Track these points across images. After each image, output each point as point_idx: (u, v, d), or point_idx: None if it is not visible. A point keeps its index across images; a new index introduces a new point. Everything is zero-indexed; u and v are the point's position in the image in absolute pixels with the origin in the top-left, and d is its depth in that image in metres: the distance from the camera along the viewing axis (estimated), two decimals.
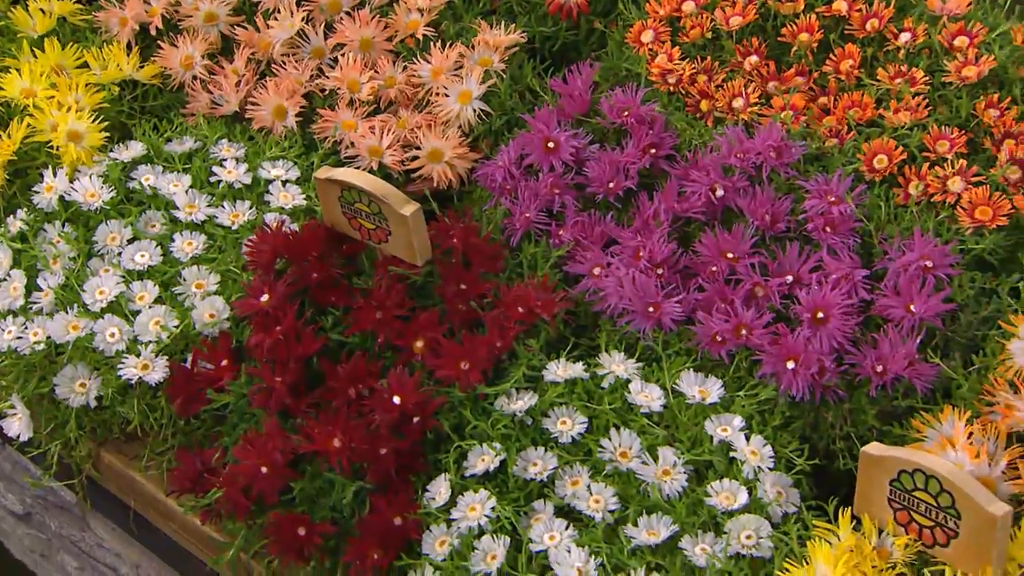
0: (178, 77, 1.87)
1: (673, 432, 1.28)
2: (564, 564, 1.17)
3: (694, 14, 1.71)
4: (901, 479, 1.11)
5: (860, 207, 1.43)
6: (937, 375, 1.29)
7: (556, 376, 1.33)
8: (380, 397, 1.33)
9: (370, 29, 1.79)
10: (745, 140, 1.51)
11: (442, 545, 1.24)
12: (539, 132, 1.60)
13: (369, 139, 1.68)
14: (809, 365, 1.30)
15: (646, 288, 1.41)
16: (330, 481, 1.31)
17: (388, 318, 1.41)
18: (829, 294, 1.34)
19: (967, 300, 1.34)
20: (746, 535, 1.18)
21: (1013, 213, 1.41)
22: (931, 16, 1.63)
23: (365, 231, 1.47)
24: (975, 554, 1.07)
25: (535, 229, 1.54)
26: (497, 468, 1.28)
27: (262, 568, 1.41)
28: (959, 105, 1.52)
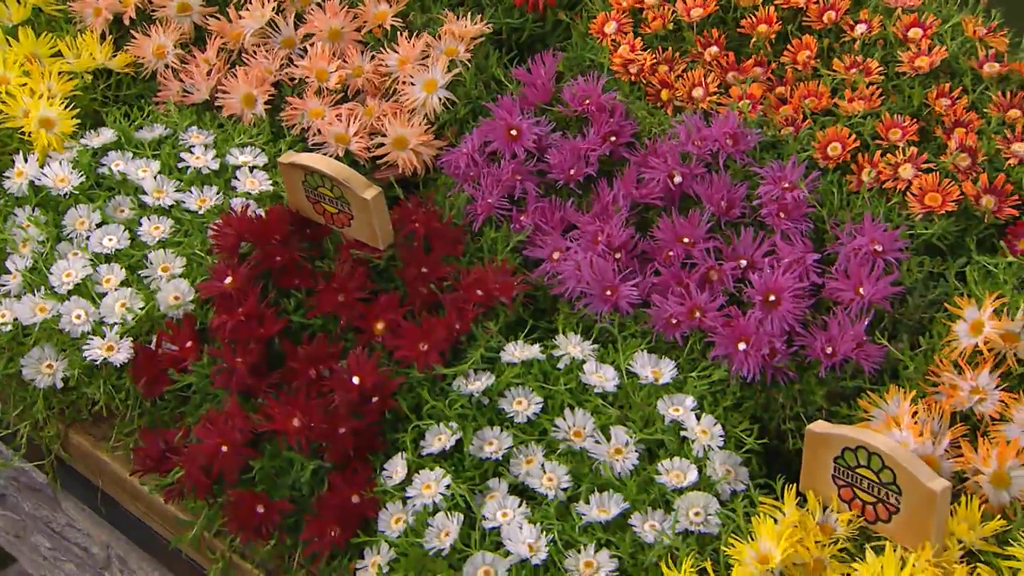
0: (150, 66, 1.84)
1: (627, 412, 1.27)
2: (516, 540, 1.16)
3: (656, 6, 1.70)
4: (845, 456, 1.10)
5: (813, 193, 1.42)
6: (884, 356, 1.28)
7: (513, 357, 1.32)
8: (340, 378, 1.32)
9: (339, 20, 1.77)
10: (703, 128, 1.50)
11: (397, 522, 1.22)
12: (502, 120, 1.58)
13: (336, 126, 1.66)
14: (760, 347, 1.29)
15: (603, 272, 1.40)
16: (289, 460, 1.30)
17: (350, 300, 1.39)
18: (781, 278, 1.33)
19: (915, 284, 1.33)
20: (695, 512, 1.17)
21: (962, 199, 1.41)
22: (886, 8, 1.62)
23: (328, 215, 1.46)
24: (915, 529, 1.06)
25: (496, 214, 1.52)
26: (453, 447, 1.26)
27: (224, 546, 1.39)
28: (912, 94, 1.51)
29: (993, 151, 1.44)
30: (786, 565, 1.08)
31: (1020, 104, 1.48)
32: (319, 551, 1.27)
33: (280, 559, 1.36)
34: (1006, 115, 1.47)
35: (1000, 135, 1.45)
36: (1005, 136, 1.45)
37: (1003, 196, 1.41)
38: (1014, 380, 1.21)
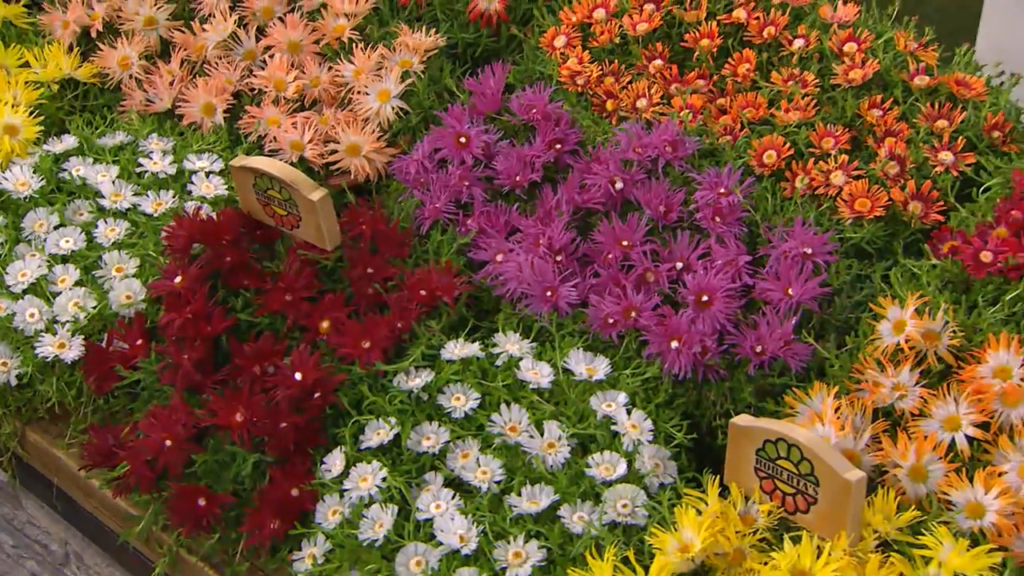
0: (116, 77, 1.83)
1: (561, 408, 1.25)
2: (447, 531, 1.14)
3: (604, 21, 1.70)
4: (766, 448, 1.09)
5: (748, 198, 1.41)
6: (811, 355, 1.27)
7: (453, 355, 1.31)
8: (283, 374, 1.30)
9: (298, 32, 1.76)
10: (643, 136, 1.49)
11: (334, 514, 1.21)
12: (452, 128, 1.58)
13: (291, 134, 1.65)
14: (692, 345, 1.28)
15: (544, 273, 1.39)
16: (232, 454, 1.28)
17: (296, 300, 1.38)
18: (714, 279, 1.32)
19: (843, 285, 1.32)
20: (622, 504, 1.15)
21: (890, 205, 1.40)
22: (823, 24, 1.62)
23: (278, 217, 1.45)
24: (833, 519, 1.05)
25: (444, 219, 1.51)
26: (392, 442, 1.25)
27: (171, 541, 1.37)
28: (845, 105, 1.51)
29: (921, 159, 1.44)
30: (707, 554, 1.07)
31: (948, 115, 1.48)
32: (259, 543, 1.25)
33: (225, 552, 1.34)
34: (934, 125, 1.47)
35: (928, 144, 1.45)
36: (933, 145, 1.45)
37: (929, 202, 1.40)
38: (934, 377, 1.20)
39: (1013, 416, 1.13)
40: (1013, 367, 1.14)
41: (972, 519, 1.08)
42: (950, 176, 1.42)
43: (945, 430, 1.14)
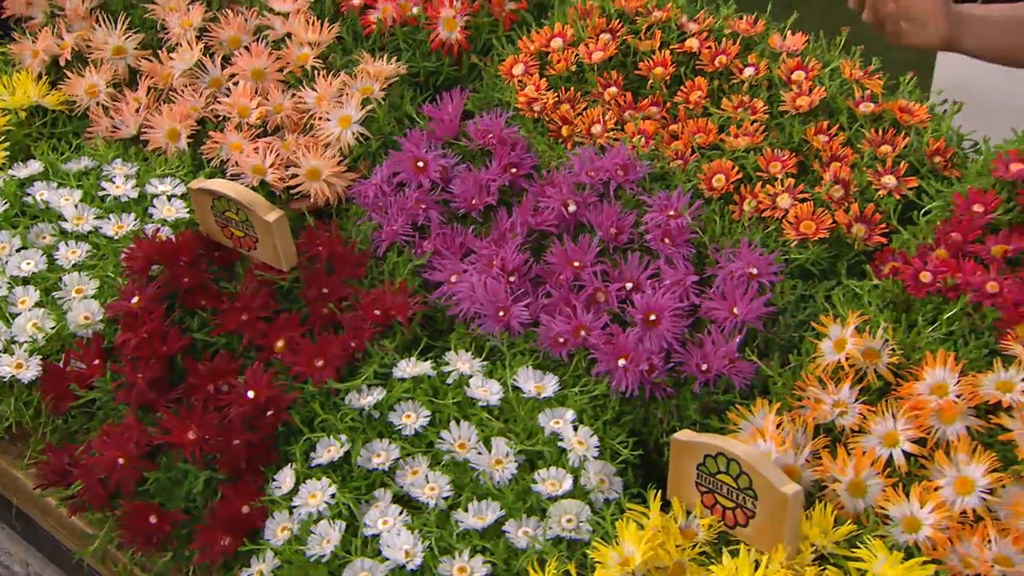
0: (83, 104, 1.83)
1: (510, 425, 1.25)
2: (393, 547, 1.13)
3: (560, 49, 1.71)
4: (707, 463, 1.08)
5: (697, 221, 1.42)
6: (755, 372, 1.27)
7: (404, 373, 1.30)
8: (236, 392, 1.29)
9: (262, 61, 1.77)
10: (596, 160, 1.50)
11: (283, 531, 1.19)
12: (410, 152, 1.58)
13: (253, 159, 1.65)
14: (639, 363, 1.28)
15: (497, 293, 1.38)
16: (184, 472, 1.26)
17: (252, 319, 1.37)
18: (661, 298, 1.32)
19: (787, 305, 1.32)
20: (567, 519, 1.14)
21: (834, 227, 1.41)
22: (772, 52, 1.64)
23: (236, 239, 1.44)
24: (770, 533, 1.04)
25: (401, 241, 1.51)
26: (343, 459, 1.24)
27: (126, 559, 1.35)
28: (792, 131, 1.52)
29: (865, 183, 1.44)
30: (648, 568, 1.06)
31: (891, 141, 1.49)
32: (210, 561, 1.24)
33: (179, 571, 1.32)
34: (878, 151, 1.48)
35: (872, 169, 1.46)
36: (876, 170, 1.46)
37: (872, 225, 1.41)
38: (874, 394, 1.20)
39: (949, 432, 1.13)
40: (949, 384, 1.14)
41: (908, 533, 1.07)
42: (893, 199, 1.43)
43: (883, 446, 1.14)
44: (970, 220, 1.33)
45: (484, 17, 1.84)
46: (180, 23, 1.86)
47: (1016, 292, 1.22)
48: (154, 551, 1.25)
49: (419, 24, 1.82)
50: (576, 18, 1.74)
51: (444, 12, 1.80)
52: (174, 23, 1.86)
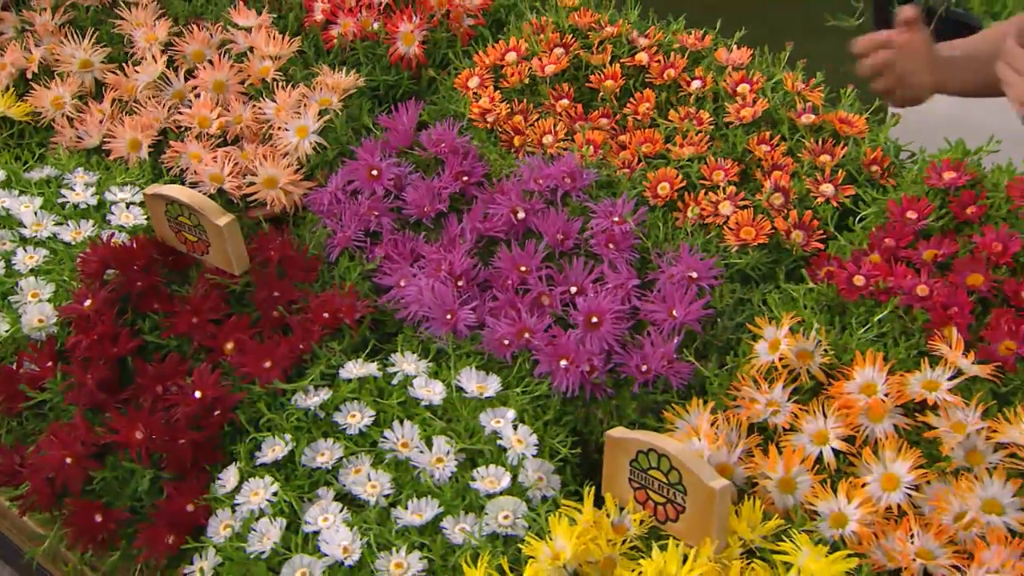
0: (49, 115, 1.81)
1: (452, 424, 1.23)
2: (332, 543, 1.12)
3: (515, 63, 1.71)
4: (639, 459, 1.07)
5: (641, 227, 1.41)
6: (692, 373, 1.26)
7: (350, 374, 1.29)
8: (184, 392, 1.27)
9: (223, 73, 1.76)
10: (544, 168, 1.49)
11: (225, 528, 1.18)
12: (364, 161, 1.57)
13: (211, 167, 1.64)
14: (580, 363, 1.27)
15: (444, 297, 1.37)
16: (131, 471, 1.25)
17: (203, 322, 1.36)
18: (603, 301, 1.31)
19: (725, 307, 1.32)
20: (503, 516, 1.13)
21: (773, 233, 1.41)
22: (719, 66, 1.64)
23: (189, 243, 1.43)
24: (699, 527, 1.03)
25: (353, 247, 1.50)
26: (287, 458, 1.22)
27: (76, 559, 1.32)
28: (736, 141, 1.52)
29: (804, 191, 1.44)
30: (579, 562, 1.05)
31: (830, 150, 1.49)
32: (155, 558, 1.22)
33: (127, 570, 1.29)
34: (817, 160, 1.48)
35: (811, 177, 1.46)
36: (815, 178, 1.46)
37: (810, 231, 1.41)
38: (806, 394, 1.19)
39: (877, 430, 1.12)
40: (878, 383, 1.13)
41: (835, 528, 1.06)
42: (830, 207, 1.43)
43: (814, 444, 1.13)
44: (903, 226, 1.33)
45: (442, 32, 1.84)
46: (146, 37, 1.86)
47: (945, 295, 1.22)
48: (100, 549, 1.23)
49: (379, 39, 1.82)
50: (531, 33, 1.74)
51: (403, 27, 1.80)
52: (140, 37, 1.86)
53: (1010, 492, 1.05)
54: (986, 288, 1.22)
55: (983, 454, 1.08)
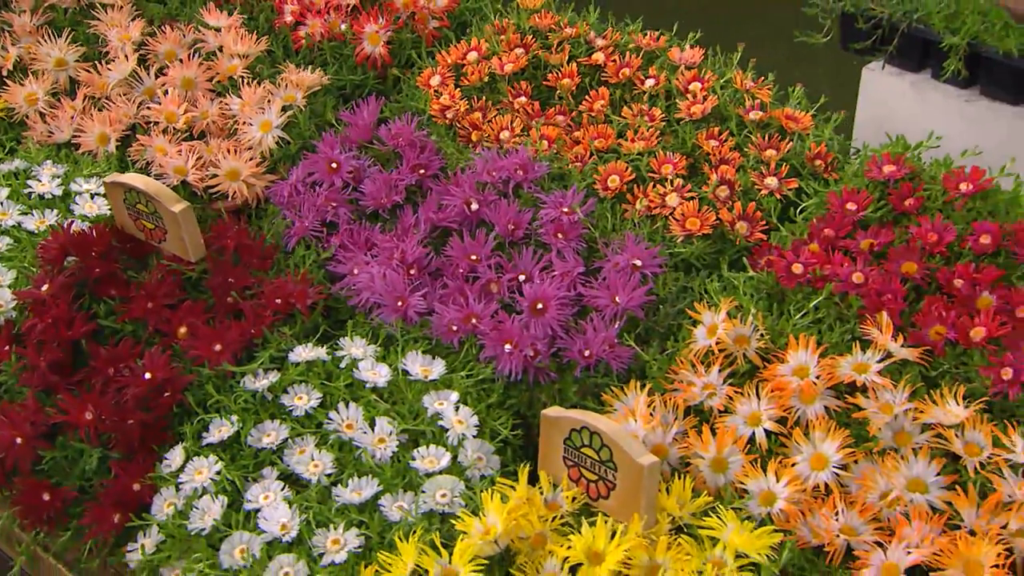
0: (23, 111, 1.80)
1: (397, 407, 1.21)
2: (271, 520, 1.09)
3: (475, 62, 1.70)
4: (572, 437, 1.05)
5: (590, 217, 1.40)
6: (633, 358, 1.24)
7: (299, 358, 1.27)
8: (135, 374, 1.25)
9: (192, 71, 1.74)
10: (498, 160, 1.48)
11: (168, 506, 1.15)
12: (324, 154, 1.56)
13: (175, 160, 1.62)
14: (524, 348, 1.25)
15: (395, 284, 1.36)
16: (80, 450, 1.22)
17: (157, 307, 1.34)
18: (549, 288, 1.29)
19: (668, 295, 1.30)
20: (441, 494, 1.11)
21: (719, 225, 1.39)
22: (672, 65, 1.63)
23: (147, 231, 1.41)
24: (629, 503, 1.01)
25: (310, 236, 1.48)
26: (233, 438, 1.20)
27: (29, 539, 1.30)
28: (685, 136, 1.50)
29: (749, 184, 1.43)
30: (511, 538, 1.02)
31: (776, 145, 1.47)
32: (102, 536, 1.19)
33: (78, 550, 1.27)
34: (763, 154, 1.46)
35: (757, 171, 1.45)
36: (761, 172, 1.44)
37: (754, 222, 1.40)
38: (743, 378, 1.17)
39: (809, 412, 1.10)
40: (810, 366, 1.12)
41: (763, 506, 1.04)
42: (774, 199, 1.41)
43: (747, 425, 1.11)
44: (843, 217, 1.31)
45: (408, 34, 1.83)
46: (119, 37, 1.84)
47: (880, 282, 1.20)
48: (48, 528, 1.20)
49: (346, 39, 1.81)
50: (492, 34, 1.73)
51: (368, 28, 1.79)
52: (114, 37, 1.84)
53: (934, 471, 1.03)
54: (920, 276, 1.21)
55: (910, 435, 1.07)
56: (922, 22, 2.60)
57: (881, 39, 2.61)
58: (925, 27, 2.58)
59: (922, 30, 2.59)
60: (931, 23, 2.60)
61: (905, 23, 2.65)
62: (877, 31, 2.61)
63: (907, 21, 2.65)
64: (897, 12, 2.61)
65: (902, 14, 2.62)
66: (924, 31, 2.58)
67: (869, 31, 2.61)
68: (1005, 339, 1.11)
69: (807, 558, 1.01)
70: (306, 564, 1.06)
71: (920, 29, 2.59)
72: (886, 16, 2.60)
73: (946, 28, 2.58)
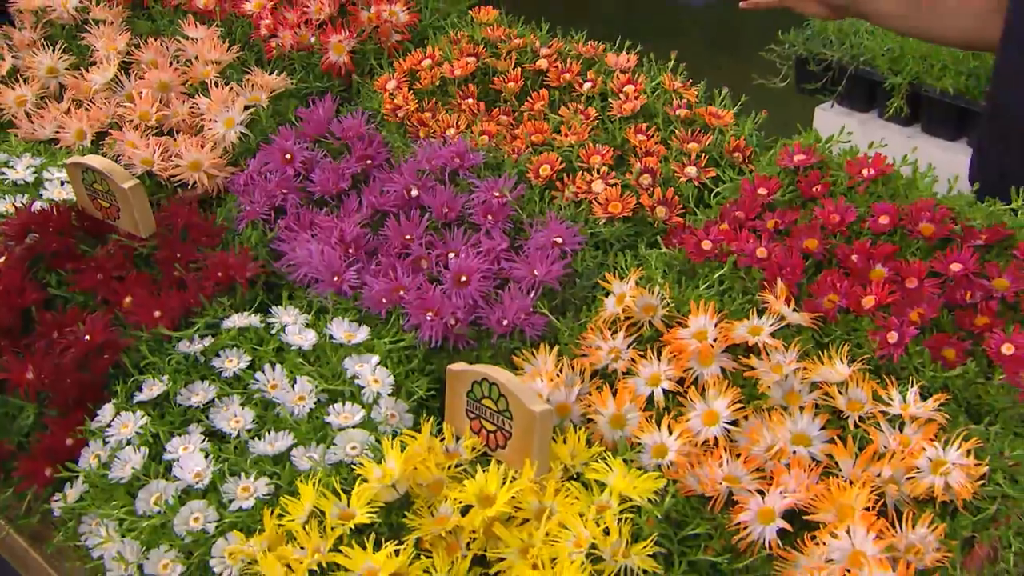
0: (11, 111, 1.78)
1: (320, 368, 1.17)
2: (186, 468, 1.04)
3: (428, 67, 1.67)
4: (474, 389, 1.00)
5: (520, 201, 1.36)
6: (547, 326, 1.20)
7: (232, 324, 1.22)
8: (75, 336, 1.21)
9: (168, 75, 1.72)
10: (438, 149, 1.44)
11: (94, 459, 1.10)
12: (279, 146, 1.52)
13: (143, 152, 1.59)
14: (444, 316, 1.20)
15: (332, 260, 1.32)
16: (20, 407, 1.18)
17: (107, 279, 1.30)
18: (473, 261, 1.25)
19: (585, 269, 1.26)
20: (351, 446, 1.06)
21: (639, 209, 1.35)
22: (608, 70, 1.60)
23: (103, 210, 1.37)
24: (523, 451, 0.96)
25: (260, 219, 1.45)
26: (163, 397, 1.15)
27: None
28: (615, 132, 1.47)
29: (671, 173, 1.39)
30: (410, 484, 0.97)
31: (698, 139, 1.44)
32: (35, 489, 1.14)
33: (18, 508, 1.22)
34: (685, 146, 1.43)
35: (679, 162, 1.41)
36: (682, 163, 1.40)
37: (673, 207, 1.35)
38: (648, 343, 1.12)
39: (705, 373, 1.05)
40: (708, 330, 1.07)
41: (656, 458, 0.99)
42: (692, 186, 1.37)
43: (647, 385, 1.06)
44: (753, 200, 1.27)
45: (371, 45, 1.80)
46: (106, 47, 1.83)
47: (781, 256, 1.16)
48: None
49: (314, 50, 1.79)
50: (447, 44, 1.71)
51: (333, 38, 1.77)
52: (101, 46, 1.82)
53: (818, 426, 0.98)
54: (820, 252, 1.16)
55: (800, 394, 1.01)
56: (868, 65, 2.60)
57: (832, 80, 2.61)
58: (871, 69, 2.58)
59: (868, 72, 2.59)
60: (876, 65, 2.59)
61: (852, 66, 2.65)
62: (828, 73, 2.61)
63: (854, 64, 2.65)
64: (845, 56, 2.62)
65: (849, 57, 2.62)
66: (870, 73, 2.59)
67: (820, 73, 2.61)
68: (894, 307, 1.07)
69: (692, 506, 0.95)
70: (216, 510, 1.01)
71: (867, 71, 2.59)
72: (836, 59, 2.60)
73: (889, 70, 2.57)
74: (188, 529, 1.00)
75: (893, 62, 2.58)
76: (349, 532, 0.92)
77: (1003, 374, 0.99)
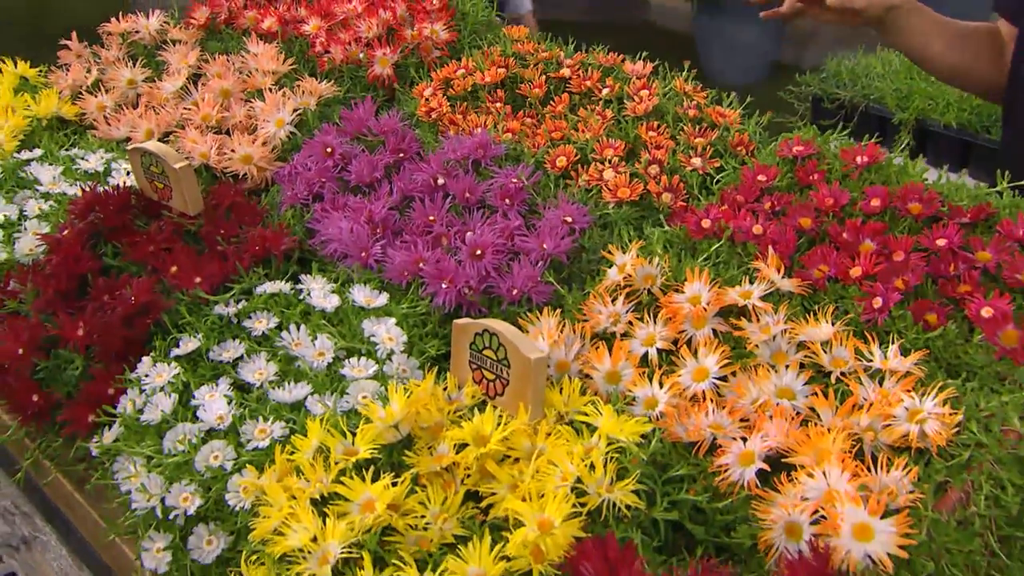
0: (92, 115, 1.82)
1: (340, 329, 1.15)
2: (210, 411, 1.03)
3: (462, 76, 1.67)
4: (476, 341, 0.97)
5: (535, 186, 1.33)
6: (553, 294, 1.16)
7: (265, 290, 1.21)
8: (123, 298, 1.21)
9: (229, 83, 1.74)
10: (463, 141, 1.43)
11: (130, 403, 1.09)
12: (321, 140, 1.52)
13: (202, 147, 1.60)
14: (458, 284, 1.18)
15: (361, 236, 1.30)
16: (70, 359, 1.18)
17: (157, 251, 1.30)
18: (488, 237, 1.22)
19: (592, 245, 1.22)
20: (363, 395, 1.03)
21: (646, 195, 1.31)
22: (625, 76, 1.57)
23: (159, 191, 1.38)
24: (519, 397, 0.92)
25: (299, 204, 1.44)
26: (198, 352, 1.14)
27: (34, 447, 1.25)
28: (628, 129, 1.44)
29: (677, 164, 1.35)
30: (412, 426, 0.94)
31: (705, 134, 1.40)
32: (78, 432, 1.14)
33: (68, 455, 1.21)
34: (692, 141, 1.39)
35: (685, 154, 1.37)
36: (689, 155, 1.37)
37: (678, 193, 1.31)
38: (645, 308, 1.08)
39: (698, 335, 1.00)
40: (702, 295, 1.02)
41: (647, 410, 0.94)
42: (696, 174, 1.33)
43: (642, 345, 1.02)
44: (752, 186, 1.22)
45: (413, 59, 1.81)
46: (179, 61, 1.86)
47: (775, 232, 1.11)
48: (33, 424, 1.15)
49: (362, 64, 1.80)
50: (480, 57, 1.71)
51: (379, 52, 1.78)
52: (175, 61, 1.86)
53: (802, 381, 0.92)
54: (813, 229, 1.11)
55: (787, 354, 0.96)
56: (878, 103, 2.58)
57: (845, 117, 2.60)
58: (880, 107, 2.57)
59: (878, 109, 2.57)
60: (885, 103, 2.57)
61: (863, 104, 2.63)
62: (841, 111, 2.60)
63: (865, 102, 2.63)
64: (857, 95, 2.62)
65: (861, 96, 2.61)
66: (880, 110, 2.57)
67: (834, 111, 2.60)
68: (880, 275, 1.01)
69: (679, 452, 0.90)
70: (234, 449, 0.99)
71: (876, 108, 2.58)
72: (848, 98, 2.60)
73: (897, 107, 2.55)
74: (208, 465, 0.98)
75: (901, 100, 2.57)
76: (352, 468, 0.89)
77: (982, 335, 0.92)
